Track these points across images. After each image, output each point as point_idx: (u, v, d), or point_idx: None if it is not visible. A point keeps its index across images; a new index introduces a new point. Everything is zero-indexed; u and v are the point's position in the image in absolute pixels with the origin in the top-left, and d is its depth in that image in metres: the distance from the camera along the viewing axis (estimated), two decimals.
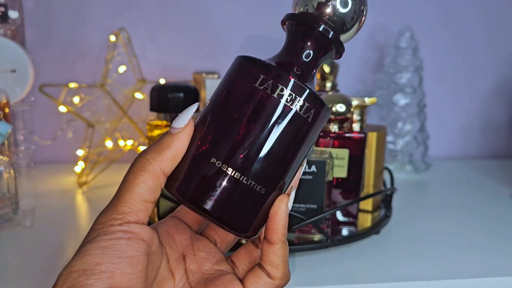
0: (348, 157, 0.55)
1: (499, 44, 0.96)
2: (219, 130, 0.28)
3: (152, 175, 0.26)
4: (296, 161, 0.29)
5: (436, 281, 0.44)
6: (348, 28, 0.30)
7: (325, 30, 0.30)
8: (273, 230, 0.28)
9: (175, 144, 0.27)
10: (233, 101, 0.28)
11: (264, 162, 0.27)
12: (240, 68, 0.29)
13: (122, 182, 0.27)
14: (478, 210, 0.65)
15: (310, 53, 0.30)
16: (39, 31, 0.83)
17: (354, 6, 0.30)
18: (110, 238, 0.25)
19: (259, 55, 0.31)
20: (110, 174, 0.77)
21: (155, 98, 0.60)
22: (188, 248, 0.31)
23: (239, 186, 0.27)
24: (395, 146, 0.84)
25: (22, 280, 0.43)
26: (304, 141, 0.29)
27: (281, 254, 0.28)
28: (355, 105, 0.57)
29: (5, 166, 0.55)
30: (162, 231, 0.31)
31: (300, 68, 0.30)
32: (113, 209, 0.26)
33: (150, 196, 0.26)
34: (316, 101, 0.28)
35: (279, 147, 0.28)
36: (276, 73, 0.28)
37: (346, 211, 0.56)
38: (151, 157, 0.27)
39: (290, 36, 0.31)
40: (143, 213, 0.26)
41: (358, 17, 0.30)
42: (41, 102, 0.81)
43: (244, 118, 0.27)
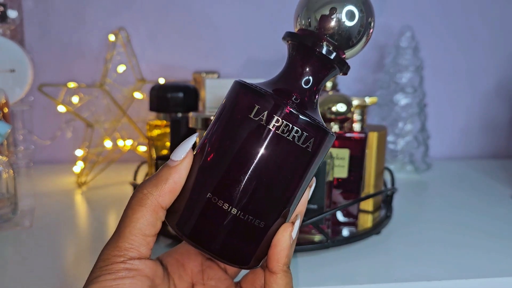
0: (348, 157, 0.55)
1: (500, 44, 0.96)
2: (215, 164, 0.27)
3: (150, 209, 0.26)
4: (299, 191, 0.28)
5: (437, 281, 0.44)
6: (355, 43, 0.28)
7: (327, 51, 0.27)
8: (274, 260, 0.27)
9: (172, 177, 0.27)
10: (228, 132, 0.27)
11: (262, 196, 0.26)
12: (236, 96, 0.27)
13: (122, 216, 0.27)
14: (479, 210, 0.64)
15: (310, 79, 0.28)
16: (39, 30, 0.83)
17: (361, 19, 0.27)
18: (114, 278, 0.25)
19: (259, 55, 0.31)
20: (109, 174, 0.77)
21: (155, 98, 0.60)
22: (198, 277, 0.31)
23: (237, 221, 0.26)
24: (395, 146, 0.83)
25: (21, 280, 0.43)
26: (305, 172, 0.27)
27: (283, 284, 0.28)
28: (356, 105, 0.57)
29: (4, 166, 0.55)
30: (172, 260, 0.31)
31: (299, 95, 0.28)
32: (115, 245, 0.26)
33: (150, 231, 0.26)
34: (317, 130, 0.27)
35: (278, 180, 0.26)
36: (273, 103, 0.26)
37: (347, 212, 0.56)
38: (149, 191, 0.26)
39: (289, 58, 0.29)
40: (144, 247, 0.26)
41: (365, 30, 0.28)
42: (41, 102, 0.81)
43: (240, 151, 0.26)
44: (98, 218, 0.61)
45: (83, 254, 0.49)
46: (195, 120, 0.47)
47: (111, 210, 0.63)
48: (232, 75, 0.88)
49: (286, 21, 0.87)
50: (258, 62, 0.89)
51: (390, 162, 0.84)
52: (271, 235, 0.28)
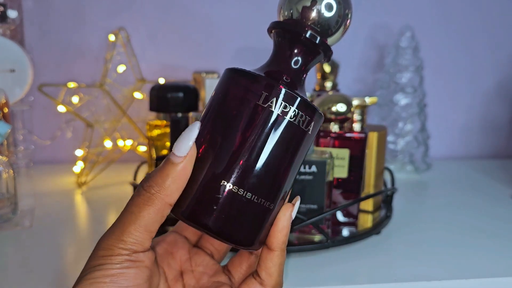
0: (348, 157, 0.55)
1: (499, 44, 0.96)
2: (215, 149, 0.27)
3: (157, 209, 0.26)
4: (294, 168, 0.29)
5: (437, 281, 0.44)
6: (334, 31, 0.30)
7: (311, 35, 0.29)
8: (274, 237, 0.28)
9: (179, 175, 0.26)
10: (225, 115, 0.28)
11: (262, 174, 0.27)
12: (229, 81, 0.29)
13: (125, 211, 0.27)
14: (479, 210, 0.64)
15: (299, 59, 0.30)
16: (39, 30, 0.83)
17: (338, 10, 0.30)
18: (120, 268, 0.25)
19: (259, 55, 0.31)
20: (109, 174, 0.77)
21: (155, 98, 0.60)
22: (186, 264, 0.32)
23: (241, 200, 0.27)
24: (395, 146, 0.84)
25: (21, 280, 0.43)
26: (299, 149, 0.29)
27: (278, 262, 0.28)
28: (356, 105, 0.57)
29: (4, 166, 0.55)
30: (161, 250, 0.31)
31: (289, 76, 0.30)
32: (119, 238, 0.26)
33: (155, 227, 0.27)
34: (308, 108, 0.28)
35: (276, 157, 0.28)
36: (265, 83, 0.28)
37: (347, 212, 0.56)
38: (156, 191, 0.26)
39: (277, 44, 0.31)
40: (147, 242, 0.27)
41: (343, 20, 0.30)
42: (40, 102, 0.81)
43: (238, 131, 0.27)
44: (98, 218, 0.61)
45: (83, 254, 0.49)
46: (195, 120, 0.47)
47: (111, 210, 0.63)
48: None
49: None
50: (258, 62, 0.88)
51: (390, 162, 0.84)
52: (274, 216, 0.29)
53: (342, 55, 0.83)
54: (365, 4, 0.89)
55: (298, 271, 0.45)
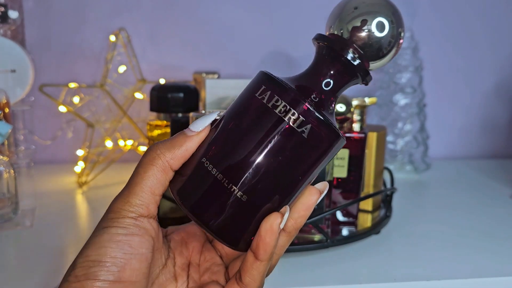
0: (348, 157, 0.55)
1: (499, 44, 0.96)
2: (225, 143, 0.28)
3: (161, 169, 0.28)
4: (300, 185, 0.28)
5: (436, 281, 0.44)
6: (385, 53, 0.28)
7: (352, 57, 0.28)
8: (261, 248, 0.27)
9: (186, 145, 0.28)
10: (244, 117, 0.28)
11: (264, 182, 0.27)
12: (259, 85, 0.28)
13: (133, 173, 0.28)
14: (478, 210, 0.65)
15: (331, 81, 0.29)
16: (39, 31, 0.83)
17: (391, 30, 0.28)
18: (125, 234, 0.26)
19: (259, 55, 0.31)
20: (110, 174, 0.77)
21: (155, 98, 0.60)
22: (195, 257, 0.33)
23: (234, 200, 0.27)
24: (395, 146, 0.84)
25: (22, 280, 0.43)
26: (310, 168, 0.28)
27: (263, 270, 0.28)
28: (355, 105, 0.57)
29: (5, 166, 0.55)
30: (178, 236, 0.33)
31: (319, 95, 0.29)
32: (126, 199, 0.27)
33: (159, 189, 0.28)
34: (329, 131, 0.27)
35: (282, 170, 0.27)
36: (292, 97, 0.27)
37: (346, 211, 0.56)
38: (162, 152, 0.28)
39: (316, 58, 0.30)
40: (153, 205, 0.28)
41: (396, 41, 0.28)
42: (41, 102, 0.81)
43: (252, 136, 0.27)
44: (98, 218, 0.60)
45: None
46: (195, 120, 0.47)
47: None
48: (232, 75, 0.88)
49: (286, 21, 0.87)
50: (258, 62, 0.89)
51: (390, 162, 0.84)
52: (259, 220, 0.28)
53: None
54: None
55: (298, 270, 0.45)
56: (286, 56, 0.88)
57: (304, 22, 0.87)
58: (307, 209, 0.29)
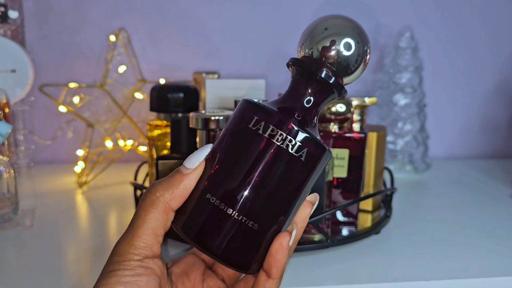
0: (348, 157, 0.55)
1: (499, 44, 0.96)
2: (221, 171, 0.29)
3: (161, 211, 0.28)
4: (296, 201, 0.30)
5: (436, 281, 0.44)
6: (353, 70, 0.31)
7: (326, 76, 0.30)
8: (274, 267, 0.29)
9: (184, 184, 0.29)
10: (235, 145, 0.29)
11: (263, 204, 0.29)
12: (243, 112, 0.30)
13: (134, 215, 0.29)
14: (478, 210, 0.65)
15: (311, 99, 0.31)
16: (39, 31, 0.83)
17: (357, 49, 0.30)
18: (133, 275, 0.27)
19: (259, 55, 0.31)
20: (110, 174, 0.77)
21: (155, 98, 0.60)
22: (198, 286, 0.33)
23: (238, 225, 0.28)
24: (395, 146, 0.84)
25: (22, 280, 0.43)
26: (304, 184, 0.30)
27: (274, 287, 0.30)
28: (355, 105, 0.57)
29: (5, 166, 0.55)
30: (178, 268, 0.33)
31: (301, 114, 0.30)
32: (130, 243, 0.28)
33: (161, 230, 0.29)
34: (316, 146, 0.29)
35: (277, 189, 0.29)
36: (277, 119, 0.29)
37: (346, 211, 0.56)
38: (161, 194, 0.28)
39: (293, 81, 0.32)
40: (156, 246, 0.29)
41: (362, 58, 0.31)
42: (41, 102, 0.81)
43: (245, 161, 0.29)
44: (98, 218, 0.61)
45: (83, 253, 0.49)
46: (195, 120, 0.47)
47: (111, 210, 0.63)
48: (232, 75, 0.88)
49: (285, 21, 0.87)
50: (258, 62, 0.89)
51: (390, 162, 0.84)
52: (268, 241, 0.29)
53: None
54: (365, 5, 0.89)
55: (298, 270, 0.45)
56: (286, 56, 0.87)
57: (304, 22, 0.87)
58: (303, 222, 0.31)
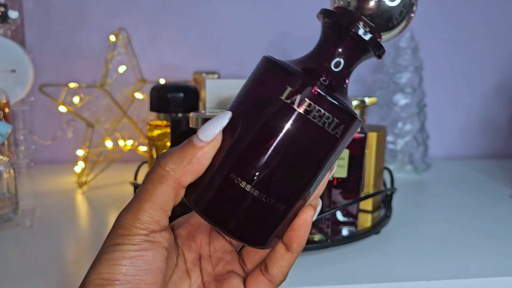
0: (348, 157, 0.55)
1: (499, 44, 0.96)
2: (239, 143, 0.26)
3: (171, 187, 0.26)
4: (320, 174, 0.27)
5: (436, 281, 0.44)
6: (395, 24, 0.27)
7: (363, 32, 0.26)
8: (295, 242, 0.28)
9: (197, 158, 0.26)
10: (254, 111, 0.26)
11: (284, 179, 0.26)
12: (264, 73, 0.27)
13: (141, 188, 0.26)
14: (478, 210, 0.65)
15: (341, 61, 0.27)
16: (39, 31, 0.83)
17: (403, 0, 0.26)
18: (139, 249, 0.25)
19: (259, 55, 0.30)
20: (110, 174, 0.77)
21: (155, 98, 0.60)
22: (205, 248, 0.31)
23: (257, 203, 0.26)
24: (395, 146, 0.84)
25: (22, 280, 0.43)
26: (328, 156, 0.27)
27: (292, 262, 0.29)
28: (355, 105, 0.57)
29: (5, 166, 0.55)
30: (184, 231, 0.31)
31: (329, 77, 0.26)
32: (135, 216, 0.26)
33: (169, 206, 0.26)
34: (344, 114, 0.26)
35: (300, 163, 0.26)
36: (300, 82, 0.25)
37: (346, 211, 0.56)
38: (171, 168, 0.26)
39: (322, 36, 0.28)
40: (163, 220, 0.26)
41: (407, 12, 0.27)
42: (41, 102, 0.81)
43: (265, 131, 0.25)
44: (98, 218, 0.61)
45: (83, 253, 0.49)
46: (195, 120, 0.47)
47: (111, 210, 0.63)
48: (232, 75, 0.88)
49: (285, 21, 0.87)
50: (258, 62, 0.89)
51: (390, 162, 0.84)
52: (291, 217, 0.27)
53: None
54: None
55: (298, 270, 0.45)
56: (286, 56, 0.87)
57: (304, 22, 0.87)
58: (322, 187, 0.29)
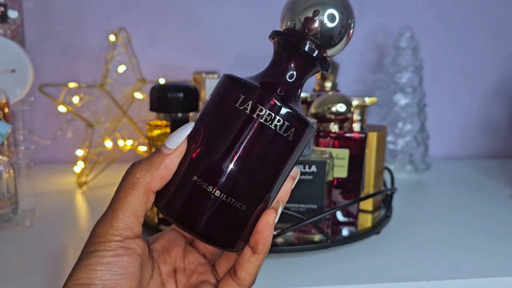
0: (348, 157, 0.55)
1: (499, 44, 0.96)
2: (202, 149, 0.28)
3: (142, 193, 0.27)
4: (279, 178, 0.29)
5: (436, 281, 0.44)
6: (336, 42, 0.30)
7: (310, 49, 0.29)
8: (260, 243, 0.29)
9: (165, 164, 0.28)
10: (216, 121, 0.29)
11: (245, 181, 0.28)
12: (225, 88, 0.29)
13: (114, 196, 0.28)
14: (478, 210, 0.65)
15: (294, 73, 0.30)
16: (39, 31, 0.83)
17: (341, 21, 0.29)
18: (113, 255, 0.27)
19: (259, 55, 0.31)
20: (109, 174, 0.77)
21: (155, 98, 0.60)
22: (180, 261, 0.33)
23: (221, 204, 0.28)
24: (395, 146, 0.84)
25: (22, 280, 0.43)
26: (286, 160, 0.29)
27: (259, 264, 0.30)
28: (355, 105, 0.57)
29: (5, 166, 0.55)
30: (158, 246, 0.33)
31: (283, 89, 0.30)
32: (110, 224, 0.27)
33: (141, 212, 0.28)
34: (299, 121, 0.28)
35: (260, 166, 0.28)
36: (258, 94, 0.28)
37: (346, 211, 0.56)
38: (141, 175, 0.27)
39: (275, 54, 0.31)
40: (137, 227, 0.28)
41: (345, 31, 0.30)
42: (41, 102, 0.81)
43: (226, 138, 0.28)
44: (98, 218, 0.61)
45: None
46: (195, 120, 0.47)
47: None
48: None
49: None
50: (258, 62, 0.89)
51: (390, 162, 0.84)
52: (254, 218, 0.29)
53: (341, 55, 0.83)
54: (365, 4, 0.89)
55: (298, 270, 0.45)
56: None
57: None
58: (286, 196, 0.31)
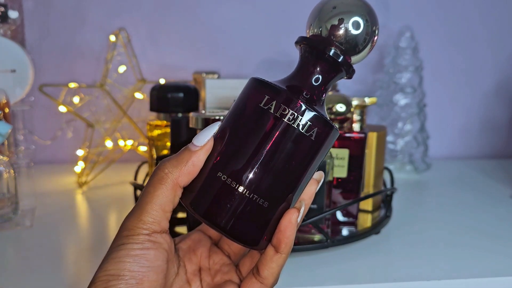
0: (348, 157, 0.55)
1: (499, 44, 0.96)
2: (230, 149, 0.30)
3: (170, 188, 0.29)
4: (303, 178, 0.30)
5: (436, 281, 0.44)
6: (361, 49, 0.31)
7: (335, 54, 0.31)
8: (283, 242, 0.30)
9: (192, 160, 0.29)
10: (244, 122, 0.30)
11: (272, 181, 0.29)
12: (252, 90, 0.31)
13: (143, 192, 0.29)
14: (478, 210, 0.65)
15: (319, 77, 0.31)
16: (39, 31, 0.83)
17: (366, 28, 0.31)
18: (141, 248, 0.28)
19: (259, 55, 0.31)
20: (110, 174, 0.77)
21: (155, 98, 0.60)
22: (205, 261, 0.34)
23: (245, 200, 0.29)
24: (395, 146, 0.84)
25: (21, 280, 0.43)
26: (311, 161, 0.30)
27: (281, 263, 0.30)
28: (355, 105, 0.57)
29: (5, 166, 0.55)
30: (185, 245, 0.34)
31: (309, 92, 0.31)
32: (138, 218, 0.28)
33: (169, 206, 0.29)
34: (324, 124, 0.30)
35: (285, 167, 0.29)
36: (285, 97, 0.29)
37: (346, 211, 0.56)
38: (169, 171, 0.29)
39: (301, 59, 0.32)
40: (164, 222, 0.29)
41: (370, 38, 0.31)
42: (41, 102, 0.81)
43: (254, 138, 0.29)
44: (98, 218, 0.61)
45: (83, 253, 0.49)
46: (195, 120, 0.47)
47: (111, 210, 0.63)
48: (232, 75, 0.88)
49: (285, 22, 0.87)
50: (258, 62, 0.89)
51: (390, 162, 0.84)
52: (277, 218, 0.30)
53: None
54: None
55: (298, 270, 0.45)
56: (286, 56, 0.87)
57: (303, 22, 0.87)
58: (310, 198, 0.32)
